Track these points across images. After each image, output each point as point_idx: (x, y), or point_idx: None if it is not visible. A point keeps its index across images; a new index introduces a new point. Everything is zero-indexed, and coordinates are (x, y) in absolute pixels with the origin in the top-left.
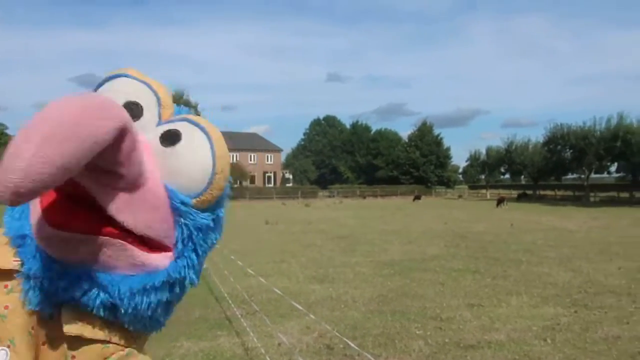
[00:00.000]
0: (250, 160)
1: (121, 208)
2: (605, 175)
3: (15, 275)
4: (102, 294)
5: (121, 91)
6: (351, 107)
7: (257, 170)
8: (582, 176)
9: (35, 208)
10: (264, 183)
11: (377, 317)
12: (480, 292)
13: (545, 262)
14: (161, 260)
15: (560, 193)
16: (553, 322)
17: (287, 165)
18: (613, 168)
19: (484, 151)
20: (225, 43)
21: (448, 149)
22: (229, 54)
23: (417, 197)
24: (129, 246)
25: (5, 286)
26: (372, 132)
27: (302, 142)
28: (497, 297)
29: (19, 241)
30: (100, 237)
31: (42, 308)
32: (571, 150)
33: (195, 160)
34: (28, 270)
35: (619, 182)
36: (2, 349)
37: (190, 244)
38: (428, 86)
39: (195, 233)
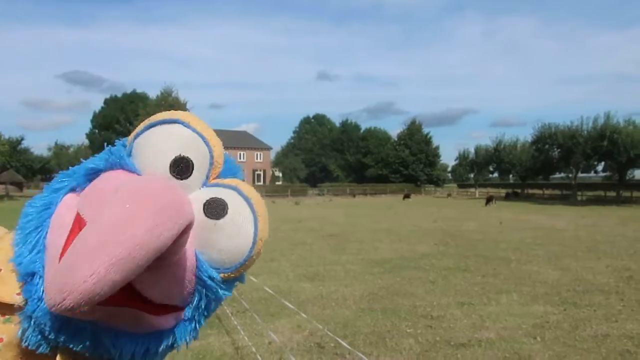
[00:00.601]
0: (240, 158)
1: (148, 285)
2: (592, 174)
3: (15, 313)
4: (102, 351)
5: (174, 141)
6: (341, 105)
7: (247, 168)
8: (570, 175)
9: (51, 263)
10: (254, 181)
11: (367, 315)
12: (471, 291)
13: (534, 260)
14: (168, 321)
15: (548, 192)
16: (543, 320)
17: (276, 164)
18: (600, 167)
19: (472, 150)
20: (214, 41)
21: (437, 147)
22: (217, 52)
23: (407, 196)
24: (139, 312)
25: (3, 315)
26: (361, 131)
27: (292, 140)
28: (487, 295)
29: (26, 278)
30: (112, 307)
31: (38, 348)
32: (559, 150)
33: (236, 240)
34: (31, 312)
35: (605, 181)
36: None
37: (205, 312)
38: (417, 85)
39: (214, 304)
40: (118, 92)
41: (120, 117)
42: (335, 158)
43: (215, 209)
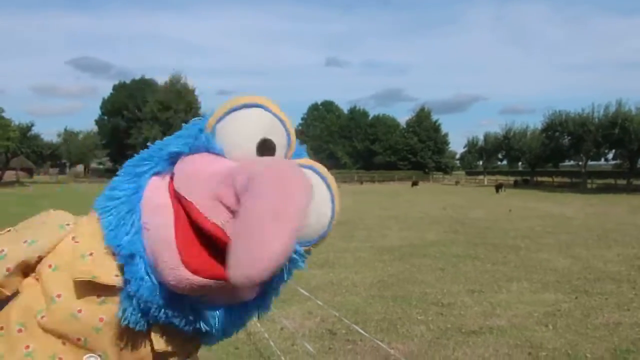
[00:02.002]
0: None
1: None
2: (602, 162)
3: (117, 292)
4: (201, 324)
5: (259, 124)
6: (349, 92)
7: None
8: (580, 163)
9: (164, 242)
10: None
11: (378, 302)
12: (481, 278)
13: (544, 248)
14: (252, 293)
15: (557, 180)
16: (554, 308)
17: None
18: (610, 155)
19: (481, 137)
20: (222, 27)
21: (446, 135)
22: (226, 38)
23: (415, 183)
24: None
25: (98, 296)
26: (370, 118)
27: (300, 127)
28: (498, 283)
29: (127, 259)
30: (225, 281)
31: (137, 326)
32: (569, 137)
33: (316, 214)
34: (134, 292)
35: (616, 169)
36: (93, 357)
37: (282, 282)
38: (426, 72)
39: (291, 274)
40: (126, 79)
41: (128, 104)
42: (343, 145)
43: None
